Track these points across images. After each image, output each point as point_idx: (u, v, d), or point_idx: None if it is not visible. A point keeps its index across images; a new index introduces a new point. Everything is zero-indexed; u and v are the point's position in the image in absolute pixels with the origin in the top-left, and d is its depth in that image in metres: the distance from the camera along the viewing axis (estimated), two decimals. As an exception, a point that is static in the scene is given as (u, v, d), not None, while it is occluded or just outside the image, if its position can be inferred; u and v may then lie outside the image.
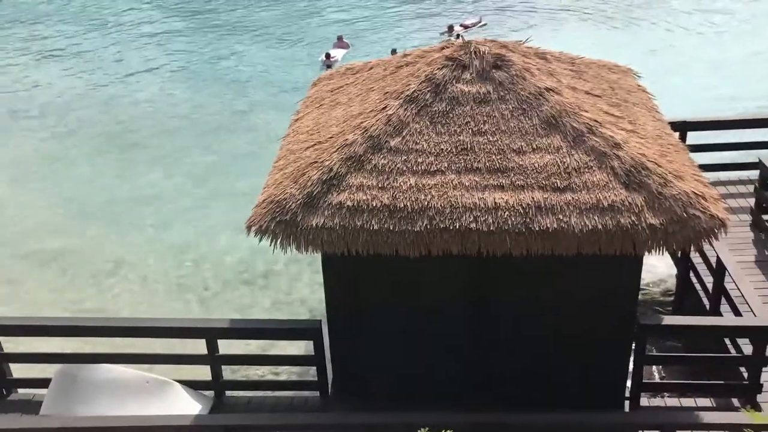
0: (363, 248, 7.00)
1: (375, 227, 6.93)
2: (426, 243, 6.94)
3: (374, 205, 7.01)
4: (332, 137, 7.70)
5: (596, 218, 6.83)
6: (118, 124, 20.64)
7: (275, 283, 13.74)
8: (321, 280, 8.01)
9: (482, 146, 7.28)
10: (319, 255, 7.50)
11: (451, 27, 26.31)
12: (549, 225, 6.82)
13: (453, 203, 6.97)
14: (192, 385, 8.63)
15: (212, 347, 8.40)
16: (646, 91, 9.18)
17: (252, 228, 7.18)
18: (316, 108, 8.82)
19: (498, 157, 7.21)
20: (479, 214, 6.91)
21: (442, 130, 7.39)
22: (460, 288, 7.74)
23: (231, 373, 10.27)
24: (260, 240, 7.19)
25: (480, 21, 27.56)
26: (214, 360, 8.49)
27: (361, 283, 7.80)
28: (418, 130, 7.40)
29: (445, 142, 7.32)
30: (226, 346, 8.65)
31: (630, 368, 8.17)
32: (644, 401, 8.36)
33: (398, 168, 7.20)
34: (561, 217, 6.85)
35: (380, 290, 7.81)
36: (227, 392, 8.81)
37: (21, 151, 19.23)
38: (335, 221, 6.98)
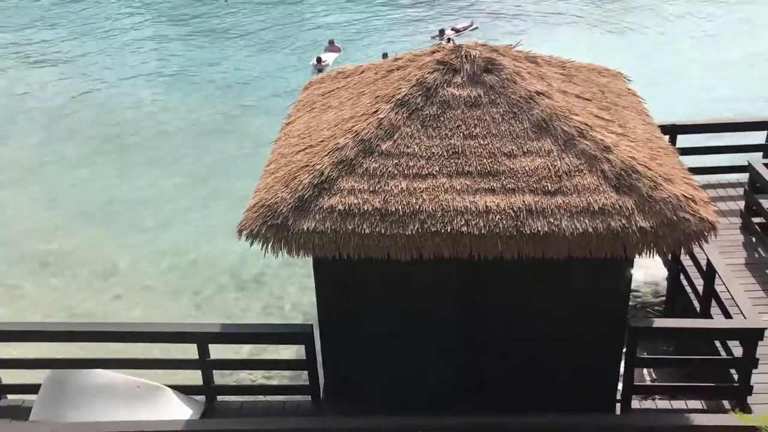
0: (354, 252, 7.00)
1: (366, 231, 6.93)
2: (417, 246, 6.94)
3: (365, 209, 7.01)
4: (323, 141, 7.69)
5: (587, 221, 6.85)
6: (113, 128, 20.61)
7: (267, 287, 13.71)
8: (313, 284, 8.00)
9: (473, 150, 7.29)
10: (311, 259, 7.50)
11: (443, 31, 26.36)
12: (540, 228, 6.84)
13: (444, 207, 6.98)
14: (183, 390, 8.60)
15: (203, 352, 8.36)
16: (636, 95, 9.23)
17: (243, 232, 7.18)
18: (308, 112, 8.82)
19: (489, 161, 7.22)
20: (470, 218, 6.92)
21: (434, 134, 7.41)
22: (452, 291, 7.74)
23: (222, 378, 10.23)
24: (251, 244, 7.18)
25: (471, 24, 27.63)
26: (206, 364, 8.46)
27: (353, 287, 7.80)
28: (410, 134, 7.41)
29: (437, 146, 7.33)
30: (218, 351, 8.62)
31: (621, 371, 8.19)
32: (635, 404, 8.37)
33: (389, 171, 7.21)
34: (552, 221, 6.87)
35: (372, 294, 7.81)
36: (219, 397, 8.78)
37: (17, 154, 19.17)
38: (326, 225, 6.98)
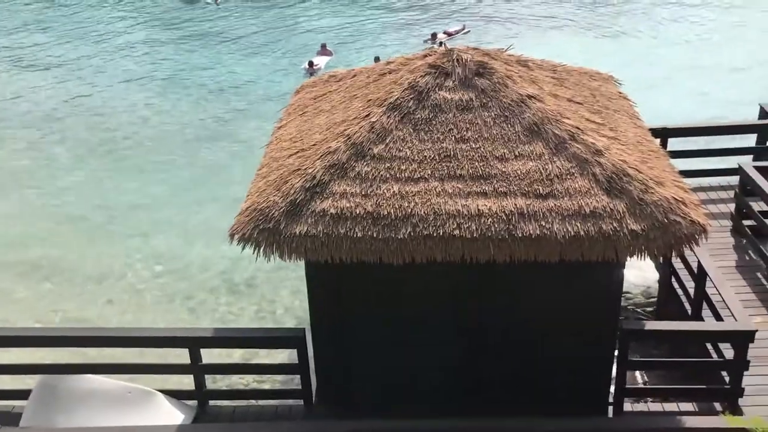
0: (346, 256, 6.99)
1: (358, 235, 6.92)
2: (410, 250, 6.94)
3: (358, 213, 7.00)
4: (315, 145, 7.69)
5: (578, 224, 6.87)
6: (105, 132, 20.48)
7: (259, 291, 13.65)
8: (305, 288, 7.98)
9: (465, 153, 7.30)
10: (303, 263, 7.49)
11: (435, 35, 26.39)
12: (532, 231, 6.86)
13: (436, 210, 6.99)
14: (175, 395, 8.55)
15: (195, 356, 8.34)
16: (628, 98, 9.27)
17: (235, 236, 7.16)
18: (299, 115, 8.82)
19: (481, 164, 7.24)
20: (462, 221, 6.93)
21: (425, 138, 7.41)
22: (446, 295, 7.73)
23: (214, 383, 10.19)
24: (243, 248, 7.17)
25: (463, 28, 27.69)
26: (197, 369, 8.43)
27: (345, 291, 7.78)
28: (402, 138, 7.41)
29: (429, 150, 7.34)
30: (209, 355, 8.58)
31: (614, 373, 8.21)
32: (627, 406, 8.38)
33: (382, 175, 7.21)
34: (543, 224, 6.89)
35: (364, 298, 7.80)
36: (211, 402, 8.74)
37: (9, 158, 19.02)
38: (318, 229, 6.97)
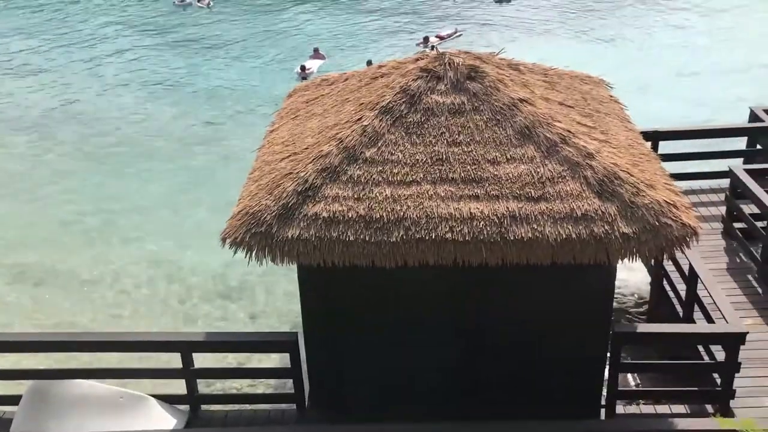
0: (339, 259, 6.99)
1: (351, 238, 6.93)
2: (402, 254, 6.95)
3: (350, 216, 7.01)
4: (307, 148, 7.69)
5: (570, 227, 6.89)
6: (96, 138, 20.45)
7: (252, 295, 13.62)
8: (297, 291, 7.97)
9: (457, 157, 7.32)
10: (296, 266, 7.48)
11: (427, 38, 26.48)
12: (524, 234, 6.87)
13: (428, 214, 6.99)
14: (167, 400, 8.52)
15: (187, 360, 8.31)
16: (619, 102, 9.31)
17: (227, 240, 7.15)
18: (292, 119, 8.82)
19: (473, 168, 7.25)
20: (455, 224, 6.94)
21: (417, 141, 7.43)
22: (443, 296, 7.72)
23: (206, 387, 10.16)
24: (235, 252, 7.15)
25: (455, 32, 27.78)
26: (189, 373, 8.40)
27: (338, 295, 7.77)
28: (394, 141, 7.42)
29: (421, 153, 7.35)
30: (202, 360, 8.55)
31: (606, 376, 8.23)
32: (620, 409, 8.41)
33: (374, 179, 7.21)
34: (535, 227, 6.91)
35: (357, 301, 7.78)
36: (203, 406, 8.72)
37: (0, 164, 18.93)
38: (311, 232, 6.96)
